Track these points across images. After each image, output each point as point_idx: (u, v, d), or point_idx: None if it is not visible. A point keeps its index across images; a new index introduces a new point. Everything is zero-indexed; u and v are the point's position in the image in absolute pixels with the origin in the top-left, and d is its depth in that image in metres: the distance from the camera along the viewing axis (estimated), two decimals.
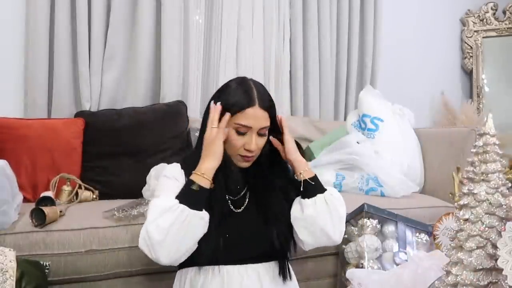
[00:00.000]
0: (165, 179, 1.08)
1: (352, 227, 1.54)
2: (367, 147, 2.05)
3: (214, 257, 1.04)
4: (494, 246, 0.79)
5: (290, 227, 1.13)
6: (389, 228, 1.51)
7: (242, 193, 1.14)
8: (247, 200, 1.13)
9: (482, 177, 0.82)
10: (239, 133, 1.06)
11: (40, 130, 1.79)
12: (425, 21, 2.99)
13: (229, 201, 1.12)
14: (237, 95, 1.06)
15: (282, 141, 1.14)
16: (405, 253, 1.44)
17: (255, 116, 1.05)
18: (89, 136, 1.88)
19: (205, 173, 1.02)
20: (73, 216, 1.42)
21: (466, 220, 0.82)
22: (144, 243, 0.97)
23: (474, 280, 0.80)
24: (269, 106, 1.08)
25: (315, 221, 1.07)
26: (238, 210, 1.12)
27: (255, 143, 1.06)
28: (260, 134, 1.08)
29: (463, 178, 0.87)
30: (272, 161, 1.15)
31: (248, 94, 1.06)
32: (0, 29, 1.97)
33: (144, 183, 1.67)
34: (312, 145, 2.18)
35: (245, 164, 1.10)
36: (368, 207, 1.51)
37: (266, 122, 1.07)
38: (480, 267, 0.79)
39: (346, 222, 1.55)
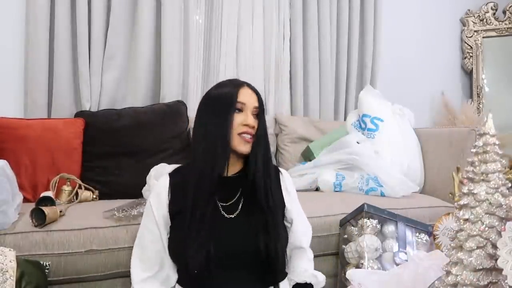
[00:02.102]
0: (148, 206, 1.14)
1: (352, 227, 1.54)
2: (367, 147, 2.05)
3: (207, 263, 1.02)
4: (494, 246, 0.79)
5: (282, 236, 1.13)
6: (389, 228, 1.51)
7: (235, 199, 1.13)
8: (240, 207, 1.12)
9: (482, 177, 0.82)
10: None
11: (40, 130, 1.79)
12: (425, 21, 2.99)
13: (221, 207, 1.11)
14: (227, 85, 1.15)
15: None
16: (405, 253, 1.44)
17: (248, 94, 1.13)
18: (89, 136, 1.88)
19: None
20: (73, 216, 1.42)
21: (466, 220, 0.82)
22: None
23: (474, 280, 0.80)
24: (257, 92, 1.15)
25: None
26: (230, 216, 1.11)
27: (252, 119, 1.11)
28: (255, 116, 1.13)
29: (463, 178, 0.87)
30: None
31: (236, 81, 1.16)
32: (0, 29, 1.97)
33: (144, 183, 1.67)
34: (312, 145, 2.18)
35: (247, 147, 1.10)
36: (368, 207, 1.50)
37: (257, 103, 1.14)
38: (480, 267, 0.79)
39: (346, 222, 1.57)
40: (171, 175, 1.16)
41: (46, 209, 1.30)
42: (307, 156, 2.18)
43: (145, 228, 1.14)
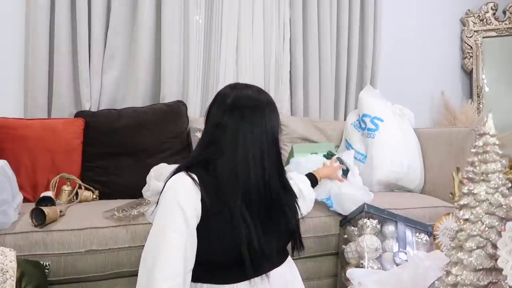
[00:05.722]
0: (168, 204, 0.94)
1: (352, 227, 1.54)
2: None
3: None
4: (494, 246, 0.79)
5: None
6: (389, 228, 1.51)
7: None
8: None
9: (482, 177, 0.82)
10: None
11: (40, 130, 1.79)
12: (425, 21, 2.99)
13: None
14: None
15: None
16: (405, 253, 1.44)
17: None
18: (89, 136, 1.88)
19: None
20: (73, 216, 1.42)
21: (466, 220, 0.82)
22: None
23: (474, 280, 0.80)
24: None
25: None
26: None
27: None
28: None
29: (463, 178, 0.87)
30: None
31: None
32: (0, 30, 1.97)
33: (144, 183, 1.67)
34: (296, 146, 2.09)
35: None
36: (368, 207, 1.51)
37: None
38: (480, 267, 0.79)
39: (346, 222, 1.57)
40: (196, 178, 0.98)
41: (46, 209, 1.30)
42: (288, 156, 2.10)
43: (168, 227, 0.93)
